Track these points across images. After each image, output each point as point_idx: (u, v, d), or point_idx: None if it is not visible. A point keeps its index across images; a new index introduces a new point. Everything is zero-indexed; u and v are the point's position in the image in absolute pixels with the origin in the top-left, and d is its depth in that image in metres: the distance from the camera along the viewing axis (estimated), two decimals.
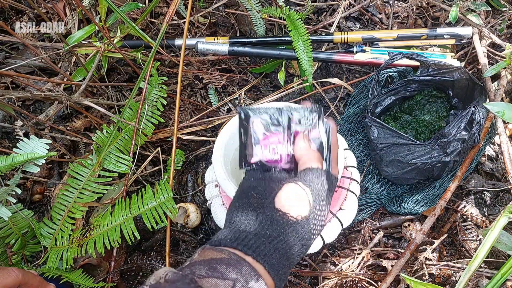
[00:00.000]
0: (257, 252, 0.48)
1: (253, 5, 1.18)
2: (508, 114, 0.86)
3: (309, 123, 0.58)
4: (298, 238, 0.51)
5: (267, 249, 0.49)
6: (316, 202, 0.53)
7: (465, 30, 1.18)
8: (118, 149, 1.01)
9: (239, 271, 0.45)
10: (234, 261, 0.46)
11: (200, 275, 0.44)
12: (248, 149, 0.57)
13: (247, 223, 0.51)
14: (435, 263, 0.96)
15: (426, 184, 1.05)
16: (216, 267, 0.45)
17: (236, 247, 0.48)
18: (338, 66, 1.27)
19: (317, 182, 0.54)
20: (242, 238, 0.49)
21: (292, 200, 0.52)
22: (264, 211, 0.51)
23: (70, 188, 0.97)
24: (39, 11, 1.16)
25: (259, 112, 0.58)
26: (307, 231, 0.52)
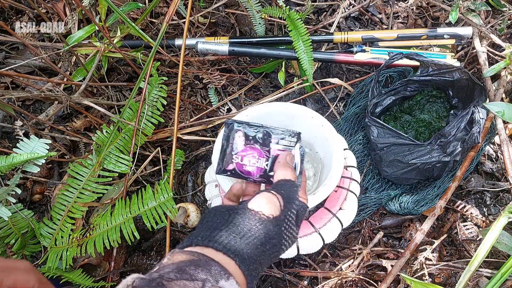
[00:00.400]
0: (228, 247, 0.48)
1: (253, 5, 1.18)
2: (508, 114, 0.86)
3: (287, 145, 0.63)
4: (270, 236, 0.52)
5: (237, 244, 0.49)
6: (288, 208, 0.54)
7: (465, 30, 1.18)
8: (118, 149, 1.01)
9: (208, 271, 0.45)
10: (203, 262, 0.46)
11: (168, 278, 0.44)
12: (227, 157, 0.63)
13: (219, 222, 0.52)
14: (435, 263, 0.96)
15: (426, 184, 1.05)
16: (184, 269, 0.45)
17: (208, 244, 0.49)
18: (338, 66, 1.27)
19: (290, 191, 0.56)
20: (214, 236, 0.50)
21: (265, 203, 0.54)
22: (237, 212, 0.53)
23: (70, 188, 0.97)
24: (39, 11, 1.16)
25: (243, 126, 0.63)
26: (278, 232, 0.53)
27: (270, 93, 1.21)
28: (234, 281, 0.46)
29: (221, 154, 0.63)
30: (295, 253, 0.84)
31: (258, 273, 0.51)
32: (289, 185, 0.57)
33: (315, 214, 0.88)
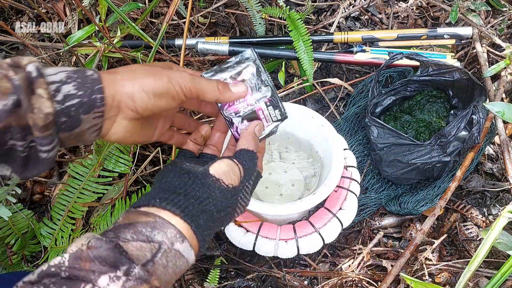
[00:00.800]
0: (186, 212, 0.49)
1: (253, 5, 1.18)
2: (508, 114, 0.86)
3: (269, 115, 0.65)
4: (226, 205, 0.54)
5: (195, 210, 0.50)
6: (246, 179, 0.56)
7: (465, 30, 1.18)
8: (118, 149, 1.01)
9: (165, 234, 0.46)
10: (160, 224, 0.47)
11: (124, 239, 0.44)
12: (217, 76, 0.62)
13: (177, 184, 0.52)
14: (435, 263, 0.97)
15: (426, 184, 1.05)
16: (141, 230, 0.46)
17: (165, 207, 0.49)
18: (338, 66, 1.27)
19: (251, 163, 0.58)
20: (172, 199, 0.50)
21: (227, 171, 0.55)
22: (197, 175, 0.53)
23: (70, 188, 0.97)
24: (39, 11, 1.16)
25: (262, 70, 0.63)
26: (234, 201, 0.55)
27: None
28: (188, 244, 0.48)
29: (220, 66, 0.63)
30: (295, 253, 0.84)
31: (210, 238, 0.53)
32: (250, 156, 0.59)
33: (315, 214, 0.88)
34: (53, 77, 0.49)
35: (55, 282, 0.39)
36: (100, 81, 0.50)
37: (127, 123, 0.53)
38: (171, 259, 0.46)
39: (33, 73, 0.47)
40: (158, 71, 0.54)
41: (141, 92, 0.52)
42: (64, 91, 0.49)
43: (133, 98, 0.52)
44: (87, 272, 0.40)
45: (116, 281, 0.41)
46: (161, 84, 0.53)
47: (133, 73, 0.53)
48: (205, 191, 0.52)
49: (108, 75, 0.52)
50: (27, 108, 0.46)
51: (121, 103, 0.52)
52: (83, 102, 0.49)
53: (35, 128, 0.47)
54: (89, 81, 0.50)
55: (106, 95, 0.50)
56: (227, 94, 0.59)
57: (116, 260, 0.42)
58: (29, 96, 0.47)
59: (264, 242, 0.84)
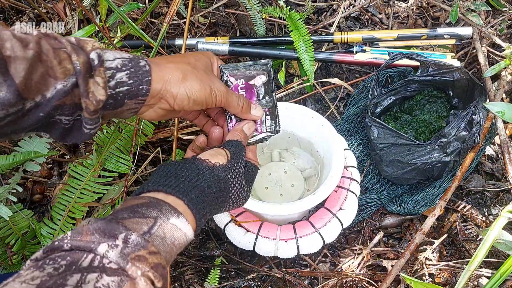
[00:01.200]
0: (177, 189, 0.53)
1: (253, 5, 1.18)
2: (508, 114, 0.86)
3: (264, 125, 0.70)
4: (216, 181, 0.57)
5: (186, 186, 0.54)
6: (234, 161, 0.60)
7: (465, 30, 1.18)
8: (118, 149, 1.01)
9: (160, 210, 0.49)
10: (154, 203, 0.50)
11: (122, 218, 0.47)
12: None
13: (168, 171, 0.56)
14: (435, 263, 0.97)
15: (426, 184, 1.05)
16: (137, 210, 0.48)
17: (158, 188, 0.53)
18: (338, 66, 1.27)
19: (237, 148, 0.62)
20: (163, 181, 0.54)
21: (212, 154, 0.60)
22: (186, 161, 0.58)
23: (70, 188, 0.97)
24: (39, 11, 1.16)
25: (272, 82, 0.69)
26: (225, 178, 0.58)
27: None
28: (184, 219, 0.50)
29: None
30: (295, 253, 0.84)
31: (206, 213, 0.56)
32: (236, 144, 0.63)
33: (315, 214, 0.88)
34: (110, 63, 0.53)
35: (59, 255, 0.41)
36: (150, 73, 0.55)
37: (160, 111, 0.60)
38: (168, 231, 0.48)
39: (95, 61, 0.51)
40: (204, 79, 0.59)
41: (184, 95, 0.58)
42: (117, 78, 0.54)
43: (175, 98, 0.58)
44: (88, 243, 0.42)
45: (114, 248, 0.43)
46: (203, 94, 0.59)
47: (183, 75, 0.58)
48: (193, 171, 0.56)
49: (158, 71, 0.57)
50: (83, 92, 0.50)
51: (162, 98, 0.58)
52: (130, 90, 0.54)
53: (86, 111, 0.51)
54: (140, 72, 0.55)
55: (152, 87, 0.56)
56: (246, 114, 0.67)
57: (114, 230, 0.45)
58: (87, 81, 0.50)
59: (264, 242, 0.84)
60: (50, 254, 0.42)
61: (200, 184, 0.55)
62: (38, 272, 0.39)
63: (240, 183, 0.61)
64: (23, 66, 0.46)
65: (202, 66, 0.62)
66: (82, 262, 0.41)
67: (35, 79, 0.47)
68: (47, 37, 0.51)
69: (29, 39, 0.48)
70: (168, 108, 0.59)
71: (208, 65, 0.65)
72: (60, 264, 0.40)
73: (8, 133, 0.50)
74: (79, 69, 0.49)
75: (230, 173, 0.59)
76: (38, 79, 0.47)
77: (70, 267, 0.40)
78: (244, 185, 0.62)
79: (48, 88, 0.48)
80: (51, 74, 0.48)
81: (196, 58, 0.63)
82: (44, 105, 0.49)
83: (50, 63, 0.48)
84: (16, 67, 0.45)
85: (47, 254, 0.42)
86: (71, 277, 0.38)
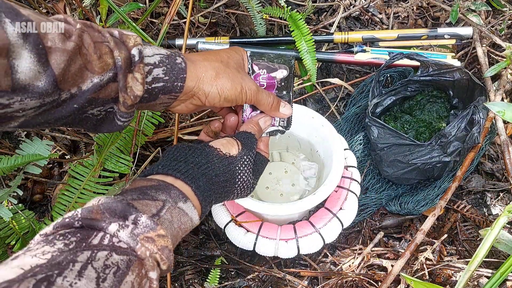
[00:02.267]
0: (186, 175, 0.54)
1: (254, 5, 1.18)
2: (508, 114, 0.86)
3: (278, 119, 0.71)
4: (224, 171, 0.58)
5: (195, 173, 0.55)
6: (244, 153, 0.61)
7: (465, 30, 1.18)
8: (118, 149, 1.01)
9: (168, 194, 0.50)
10: (163, 186, 0.51)
11: (132, 198, 0.48)
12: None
13: (178, 155, 0.57)
14: (435, 263, 0.97)
15: (427, 184, 1.05)
16: (146, 192, 0.50)
17: (167, 172, 0.54)
18: (339, 66, 1.27)
19: (249, 141, 0.63)
20: (173, 165, 0.55)
21: (224, 143, 0.61)
22: (197, 147, 0.59)
23: (70, 188, 0.97)
24: (39, 11, 1.16)
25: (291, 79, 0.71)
26: (233, 169, 0.59)
27: None
28: (191, 204, 0.52)
29: None
30: (295, 253, 0.84)
31: (212, 200, 0.57)
32: (248, 136, 0.64)
33: (315, 214, 0.88)
34: (149, 59, 0.55)
35: (69, 231, 0.42)
36: (185, 71, 0.57)
37: (191, 106, 0.62)
38: (176, 215, 0.49)
39: (136, 57, 0.52)
40: (235, 77, 0.61)
41: (216, 94, 0.59)
42: (154, 74, 0.55)
43: (207, 96, 0.59)
44: (98, 221, 0.43)
45: (125, 228, 0.43)
46: (234, 92, 0.60)
47: (216, 74, 0.59)
48: (203, 157, 0.57)
49: (194, 69, 0.58)
50: (122, 87, 0.51)
51: (195, 95, 0.59)
52: (166, 86, 0.56)
53: (123, 105, 0.53)
54: (176, 69, 0.56)
55: (186, 85, 0.57)
56: (275, 111, 0.68)
57: (124, 210, 0.45)
58: (126, 77, 0.51)
59: (265, 242, 0.84)
60: (60, 230, 0.43)
61: (209, 172, 0.56)
62: (49, 247, 0.40)
63: (248, 175, 0.62)
64: (63, 58, 0.46)
65: (234, 63, 0.63)
66: (93, 240, 0.42)
67: (72, 71, 0.48)
68: (90, 29, 0.51)
69: (71, 31, 0.49)
70: (200, 104, 0.61)
71: (240, 63, 0.66)
72: (70, 241, 0.41)
73: (41, 122, 0.50)
74: (120, 64, 0.50)
75: (239, 165, 0.60)
76: (76, 71, 0.48)
77: (81, 244, 0.41)
78: (251, 177, 0.63)
79: (84, 81, 0.49)
80: (88, 68, 0.49)
81: (229, 56, 0.64)
82: (79, 97, 0.49)
83: (90, 57, 0.49)
84: (57, 59, 0.46)
85: (57, 230, 0.43)
86: (81, 254, 0.39)
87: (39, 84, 0.45)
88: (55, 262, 0.37)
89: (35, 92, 0.45)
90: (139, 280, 0.42)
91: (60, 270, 0.36)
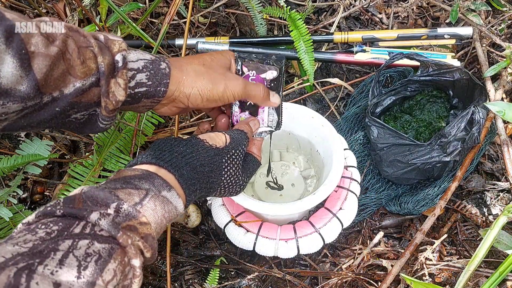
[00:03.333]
0: (169, 163, 0.54)
1: (254, 5, 1.18)
2: (508, 114, 0.86)
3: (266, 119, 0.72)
4: (210, 161, 0.59)
5: (178, 162, 0.55)
6: (232, 147, 0.62)
7: (465, 30, 1.18)
8: (118, 149, 1.01)
9: (152, 183, 0.51)
10: (146, 175, 0.51)
11: (115, 187, 0.48)
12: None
13: (164, 145, 0.58)
14: (435, 263, 0.97)
15: (426, 184, 1.05)
16: (130, 181, 0.50)
17: (151, 161, 0.54)
18: (338, 66, 1.27)
19: (239, 137, 0.64)
20: (157, 154, 0.55)
21: (212, 136, 0.62)
22: (183, 138, 0.60)
23: (70, 188, 0.97)
24: (39, 11, 1.16)
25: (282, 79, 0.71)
26: (219, 160, 0.60)
27: None
28: (175, 193, 0.52)
29: None
30: (295, 253, 0.84)
31: (197, 189, 0.57)
32: (239, 133, 0.65)
33: (315, 214, 0.88)
34: (133, 64, 0.55)
35: (51, 220, 0.42)
36: (168, 76, 0.57)
37: (175, 109, 0.62)
38: (159, 204, 0.49)
39: (120, 63, 0.52)
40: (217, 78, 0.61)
41: (197, 95, 0.60)
42: (137, 79, 0.55)
43: (188, 98, 0.60)
44: (80, 210, 0.44)
45: (106, 217, 0.44)
46: (217, 93, 0.61)
47: (196, 75, 0.60)
48: (188, 147, 0.58)
49: (176, 72, 0.59)
50: (104, 92, 0.52)
51: (177, 98, 0.60)
52: (149, 91, 0.56)
53: (105, 109, 0.53)
54: (159, 74, 0.57)
55: (169, 89, 0.58)
56: (267, 101, 0.68)
57: (106, 198, 0.46)
58: (109, 82, 0.52)
59: (264, 242, 0.84)
60: (42, 219, 0.43)
61: (193, 161, 0.57)
62: (30, 236, 0.40)
63: (235, 170, 0.62)
64: (46, 63, 0.47)
65: (217, 65, 0.64)
66: (74, 229, 0.42)
67: (55, 76, 0.48)
68: (76, 33, 0.52)
69: (56, 35, 0.49)
70: (183, 106, 0.61)
71: (225, 64, 0.66)
72: (52, 230, 0.41)
73: (24, 125, 0.50)
74: (103, 70, 0.51)
75: (226, 157, 0.61)
76: (58, 76, 0.48)
77: (62, 233, 0.41)
78: (240, 174, 0.63)
79: (66, 85, 0.49)
80: (71, 73, 0.49)
81: (212, 58, 0.64)
82: (61, 100, 0.50)
83: (73, 62, 0.49)
84: (39, 63, 0.46)
85: (39, 219, 0.43)
86: (63, 242, 0.40)
87: (21, 88, 0.46)
88: (37, 250, 0.38)
89: (17, 96, 0.46)
90: (122, 268, 0.42)
91: (41, 259, 0.37)
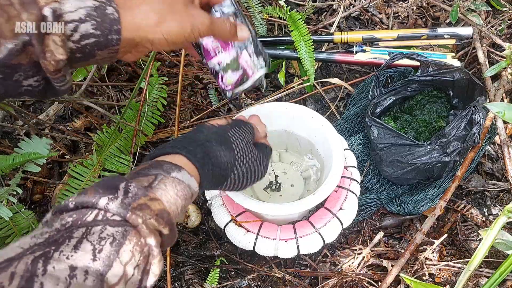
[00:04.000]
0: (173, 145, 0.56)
1: (254, 5, 1.18)
2: (508, 114, 0.86)
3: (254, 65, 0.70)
4: (215, 137, 0.61)
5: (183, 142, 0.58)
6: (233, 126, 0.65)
7: (465, 30, 1.18)
8: (118, 149, 1.01)
9: (161, 168, 0.51)
10: (155, 164, 0.52)
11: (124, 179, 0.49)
12: None
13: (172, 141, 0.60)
14: (435, 263, 0.97)
15: (426, 184, 1.05)
16: (139, 171, 0.51)
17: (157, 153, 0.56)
18: (338, 66, 1.27)
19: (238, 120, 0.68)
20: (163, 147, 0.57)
21: (214, 119, 0.66)
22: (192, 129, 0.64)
23: (70, 188, 0.97)
24: None
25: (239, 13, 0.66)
26: (226, 136, 0.62)
27: (271, 93, 1.21)
28: (186, 172, 0.52)
29: None
30: (295, 253, 0.84)
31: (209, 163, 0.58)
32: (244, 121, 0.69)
33: (315, 214, 0.88)
34: (71, 15, 0.47)
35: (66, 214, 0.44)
36: (119, 22, 0.50)
37: (139, 54, 0.58)
38: (170, 183, 0.50)
39: (49, 18, 0.45)
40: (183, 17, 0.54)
41: (162, 39, 0.53)
42: (82, 31, 0.48)
43: (152, 43, 0.53)
44: (90, 198, 0.44)
45: (114, 200, 0.44)
46: (182, 34, 0.54)
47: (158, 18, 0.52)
48: (192, 131, 0.62)
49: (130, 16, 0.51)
50: (39, 53, 0.46)
51: (139, 44, 0.53)
52: (99, 41, 0.49)
53: (46, 71, 0.48)
54: (107, 21, 0.49)
55: (123, 36, 0.50)
56: (235, 36, 0.63)
57: (115, 182, 0.46)
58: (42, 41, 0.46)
59: (264, 242, 0.84)
60: (58, 215, 0.45)
61: (199, 137, 0.59)
62: (47, 228, 0.42)
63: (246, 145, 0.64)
64: None
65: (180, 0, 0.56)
66: (87, 218, 0.43)
67: None
68: None
69: None
70: (147, 50, 0.57)
71: None
72: (66, 221, 0.43)
73: None
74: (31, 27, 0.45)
75: (229, 131, 0.63)
76: None
77: (76, 222, 0.43)
78: (254, 149, 0.65)
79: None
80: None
81: None
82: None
83: None
84: None
85: (56, 215, 0.45)
86: (77, 231, 0.41)
87: None
88: (52, 240, 0.40)
89: None
90: (139, 249, 0.43)
91: (56, 246, 0.39)
